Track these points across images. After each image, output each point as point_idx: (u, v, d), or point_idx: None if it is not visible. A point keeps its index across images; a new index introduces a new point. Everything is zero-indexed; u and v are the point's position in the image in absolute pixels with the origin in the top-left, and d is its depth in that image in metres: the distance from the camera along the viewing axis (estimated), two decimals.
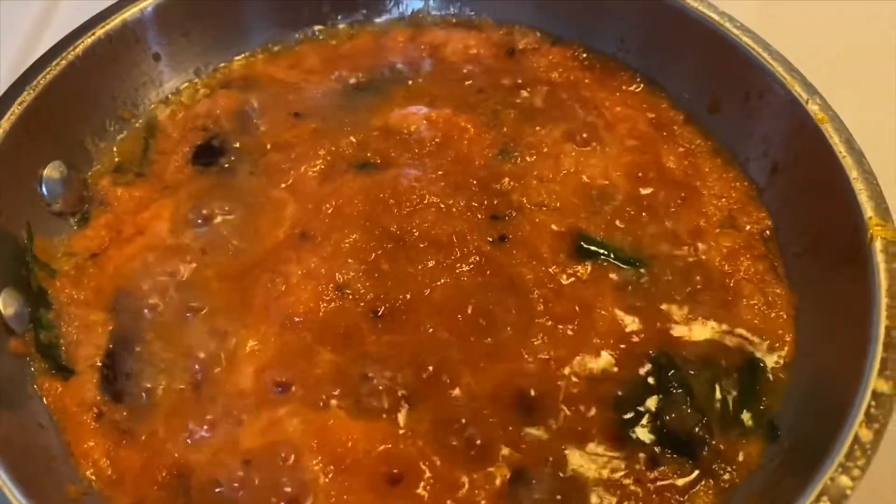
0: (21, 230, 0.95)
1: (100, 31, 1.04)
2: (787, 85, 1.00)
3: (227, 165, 1.07)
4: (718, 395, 0.89)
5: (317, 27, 1.22)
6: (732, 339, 0.93)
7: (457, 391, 0.88)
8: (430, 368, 0.89)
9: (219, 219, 1.01)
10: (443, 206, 1.01)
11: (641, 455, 0.85)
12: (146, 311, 0.94)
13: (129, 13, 1.06)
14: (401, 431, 0.86)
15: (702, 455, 0.85)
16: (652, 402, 0.88)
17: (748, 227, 1.02)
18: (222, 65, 1.18)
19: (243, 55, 1.19)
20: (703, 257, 0.99)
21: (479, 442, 0.85)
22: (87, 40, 1.02)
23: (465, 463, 0.84)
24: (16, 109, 0.95)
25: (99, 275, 0.97)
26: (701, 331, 0.94)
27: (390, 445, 0.84)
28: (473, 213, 1.02)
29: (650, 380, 0.90)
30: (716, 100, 1.10)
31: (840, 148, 0.93)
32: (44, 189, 0.99)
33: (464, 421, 0.86)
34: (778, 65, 1.01)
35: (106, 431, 0.87)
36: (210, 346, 0.91)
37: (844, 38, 1.31)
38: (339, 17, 1.22)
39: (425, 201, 1.02)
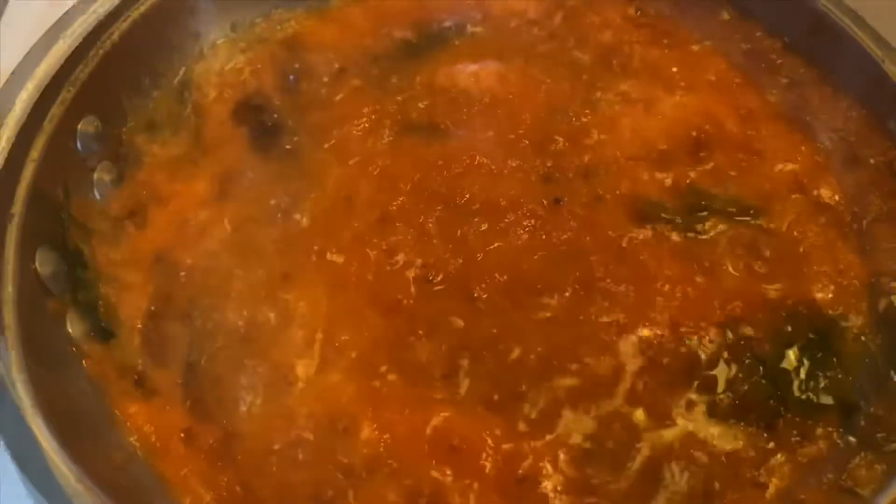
0: (57, 187, 0.90)
1: None
2: None
3: (269, 124, 1.02)
4: (793, 365, 0.85)
5: None
6: (804, 307, 0.88)
7: (515, 358, 0.84)
8: (486, 335, 0.85)
9: (260, 180, 0.96)
10: (494, 167, 0.97)
11: (791, 430, 0.80)
12: (187, 272, 0.90)
13: None
14: (458, 400, 0.82)
15: (778, 427, 0.81)
16: (723, 373, 0.83)
17: (872, 161, 0.94)
18: (259, 20, 1.12)
19: (282, 9, 1.13)
20: (827, 199, 0.93)
21: (541, 409, 0.81)
22: None
23: (527, 432, 0.80)
24: (51, 60, 0.90)
25: (136, 235, 0.93)
26: (772, 297, 0.88)
27: (447, 414, 0.80)
28: (526, 174, 0.97)
29: (790, 344, 0.85)
30: (818, 19, 1.00)
31: None
32: (79, 144, 0.94)
33: (524, 388, 0.82)
34: None
35: (198, 454, 0.81)
36: (256, 309, 0.87)
37: None
38: None
39: (476, 162, 0.97)
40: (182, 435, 0.82)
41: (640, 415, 0.81)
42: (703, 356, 0.84)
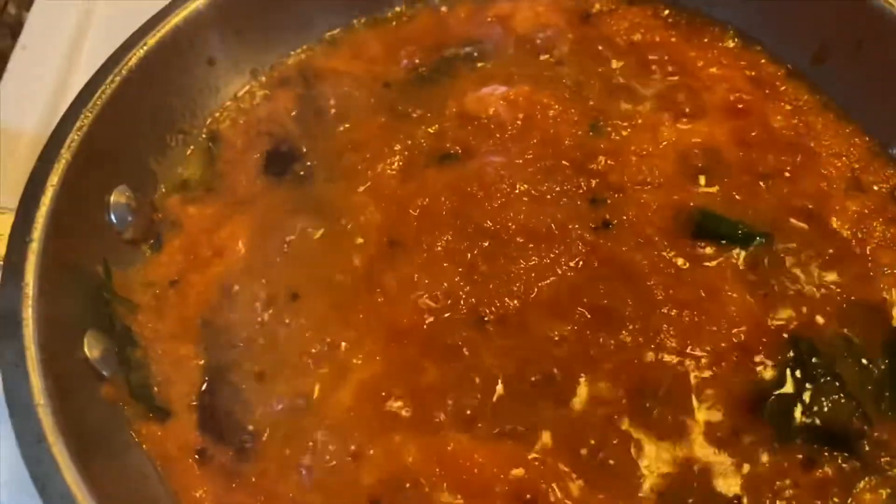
0: (96, 266, 0.88)
1: (151, 41, 0.95)
2: None
3: (301, 173, 0.99)
4: (869, 378, 0.82)
5: (374, 11, 1.12)
6: (875, 315, 0.85)
7: (582, 398, 0.82)
8: (551, 376, 0.83)
9: (300, 232, 0.94)
10: (536, 193, 0.94)
11: (796, 455, 0.78)
12: (237, 338, 0.88)
13: (180, 17, 0.98)
14: (527, 451, 0.79)
15: (863, 448, 0.78)
16: (798, 395, 0.80)
17: (875, 188, 0.93)
18: (279, 62, 1.09)
19: (300, 49, 1.10)
20: (832, 225, 0.90)
21: (612, 460, 0.78)
22: (140, 51, 0.94)
23: (602, 480, 0.77)
24: (75, 136, 0.88)
25: (181, 304, 0.91)
26: (840, 307, 0.86)
27: (519, 467, 0.78)
28: (571, 198, 0.94)
29: (793, 368, 0.82)
30: (822, 49, 1.00)
31: None
32: (112, 217, 0.92)
33: (595, 433, 0.80)
34: None
35: (213, 476, 0.81)
36: (311, 370, 0.84)
37: None
38: None
39: (517, 190, 0.94)
40: (196, 455, 0.82)
41: (648, 438, 0.80)
42: (709, 381, 0.82)
